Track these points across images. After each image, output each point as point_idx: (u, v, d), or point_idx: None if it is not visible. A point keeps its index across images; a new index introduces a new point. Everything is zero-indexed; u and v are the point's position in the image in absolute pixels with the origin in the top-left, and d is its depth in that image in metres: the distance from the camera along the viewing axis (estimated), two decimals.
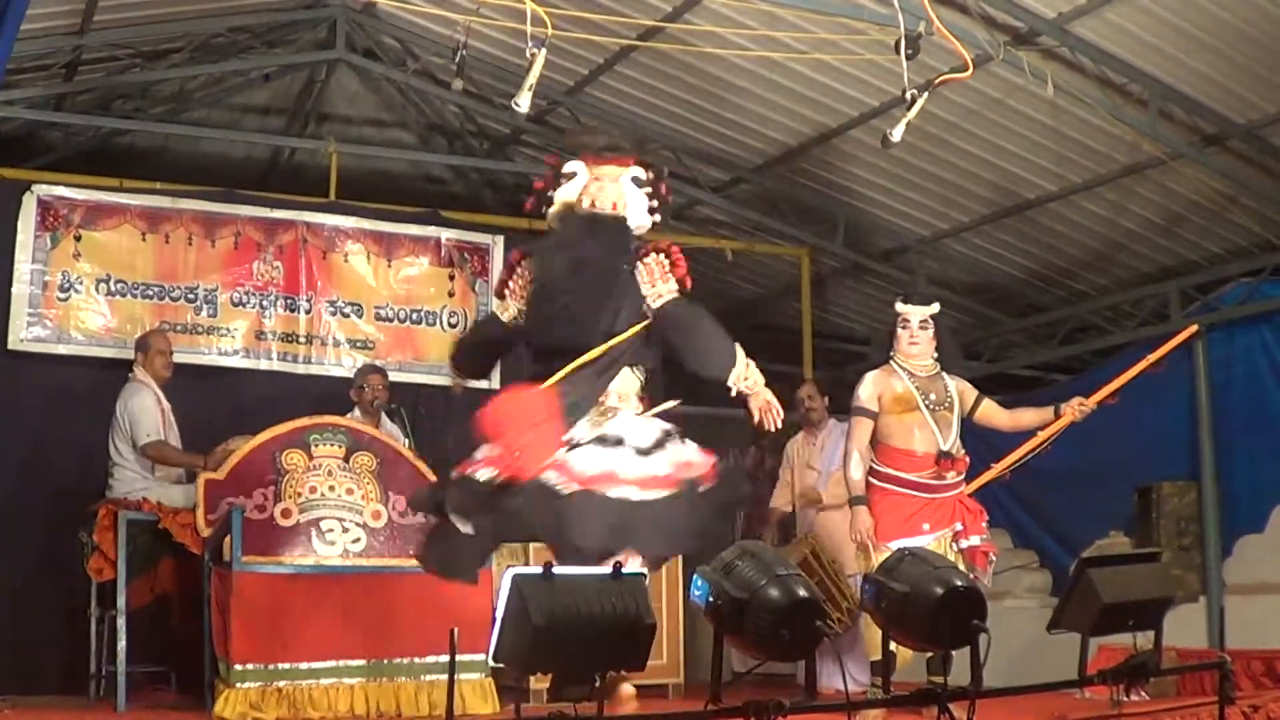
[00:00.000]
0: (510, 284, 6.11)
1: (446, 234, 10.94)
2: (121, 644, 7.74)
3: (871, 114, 10.16)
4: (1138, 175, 10.24)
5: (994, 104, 9.74)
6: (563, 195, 6.04)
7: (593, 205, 5.92)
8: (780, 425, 5.86)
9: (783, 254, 12.82)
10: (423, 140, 12.63)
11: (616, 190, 5.94)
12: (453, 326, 10.75)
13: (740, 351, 5.86)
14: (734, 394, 5.84)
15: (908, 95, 8.02)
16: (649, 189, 6.01)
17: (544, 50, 7.58)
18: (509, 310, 6.09)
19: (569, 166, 6.03)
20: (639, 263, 5.83)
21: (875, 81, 9.72)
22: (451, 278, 10.90)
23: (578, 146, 6.14)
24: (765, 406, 5.79)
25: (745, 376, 5.82)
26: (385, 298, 10.66)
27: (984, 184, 10.91)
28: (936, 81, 8.32)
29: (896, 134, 8.32)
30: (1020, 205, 11.08)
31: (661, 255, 5.87)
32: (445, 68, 10.71)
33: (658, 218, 6.03)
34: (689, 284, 5.87)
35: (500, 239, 11.09)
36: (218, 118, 11.91)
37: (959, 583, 5.77)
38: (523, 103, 7.88)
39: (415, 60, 11.09)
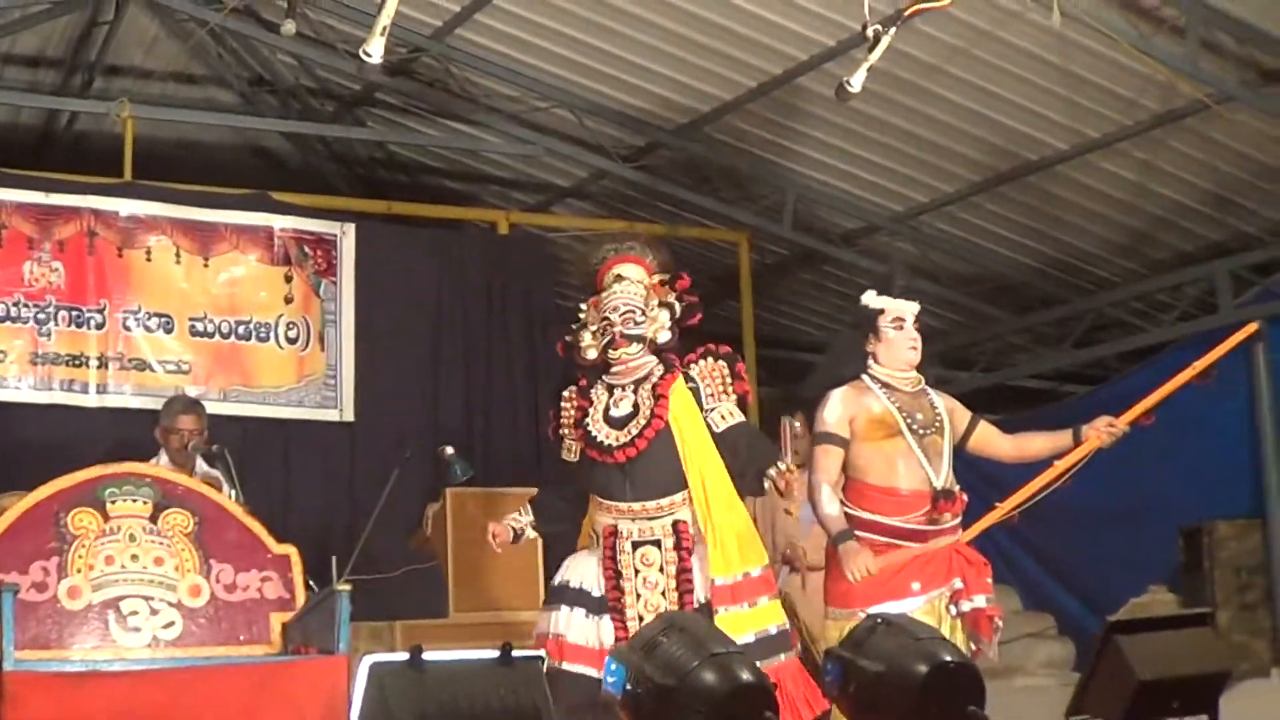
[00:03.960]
0: (562, 420, 7.10)
1: (281, 222, 10.91)
2: None
3: (825, 56, 10.21)
4: (1173, 126, 10.39)
5: (984, 39, 9.83)
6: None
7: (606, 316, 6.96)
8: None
9: (714, 239, 12.88)
10: (246, 100, 12.60)
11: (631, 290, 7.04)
12: (292, 342, 10.70)
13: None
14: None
15: (870, 31, 8.07)
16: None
17: None
18: (571, 450, 7.06)
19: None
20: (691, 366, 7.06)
21: (828, 14, 9.79)
22: (289, 278, 10.86)
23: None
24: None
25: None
26: (202, 306, 10.60)
27: (973, 143, 11.02)
28: (908, 12, 8.36)
29: (856, 82, 8.36)
30: (1020, 169, 11.20)
31: (720, 362, 7.06)
32: (273, 4, 10.68)
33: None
34: (750, 400, 6.70)
35: (351, 227, 11.07)
36: None
37: (948, 658, 5.76)
38: (374, 51, 7.87)
39: None
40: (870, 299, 7.50)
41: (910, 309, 7.41)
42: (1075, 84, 10.11)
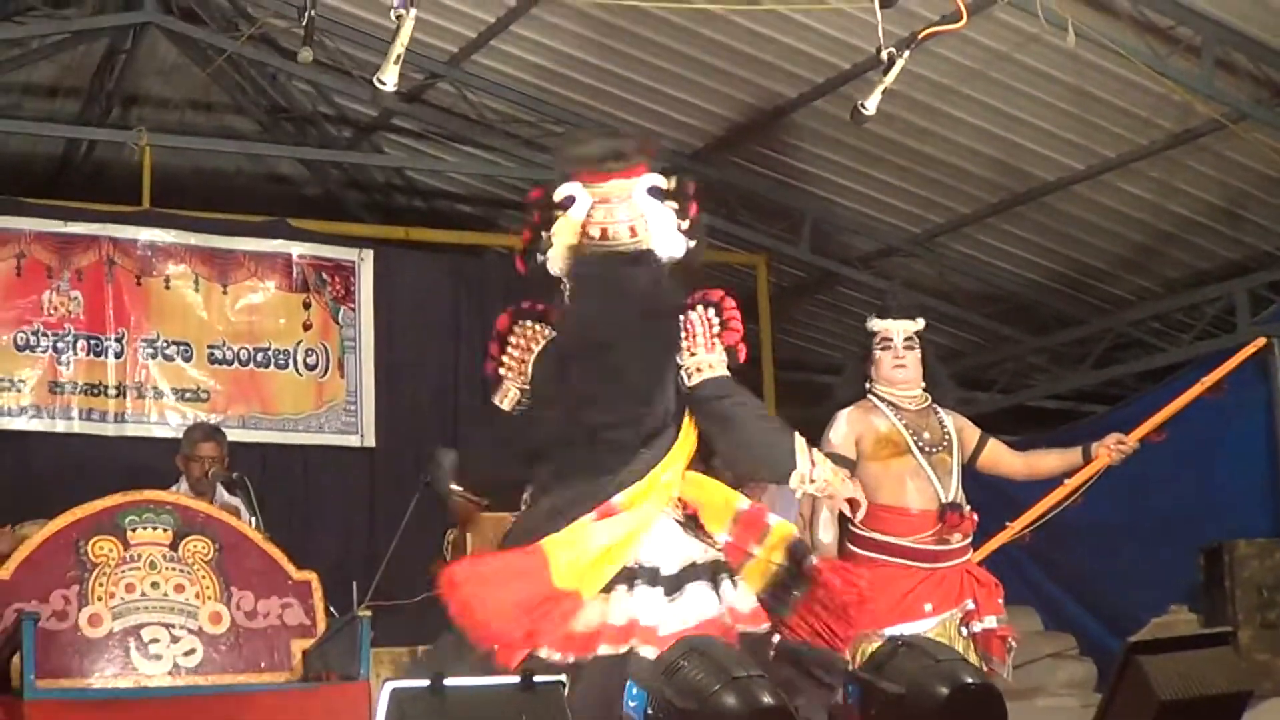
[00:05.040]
0: (505, 358, 5.97)
1: (299, 249, 10.95)
2: None
3: (840, 80, 10.24)
4: (1189, 145, 10.38)
5: (998, 61, 9.84)
6: (561, 234, 5.87)
7: (604, 236, 5.76)
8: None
9: (732, 262, 12.87)
10: (263, 128, 12.62)
11: (631, 210, 5.80)
12: (311, 369, 10.74)
13: (800, 443, 5.71)
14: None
15: (884, 55, 8.08)
16: (674, 201, 5.87)
17: (413, 10, 7.60)
18: (508, 395, 5.88)
19: (562, 191, 5.83)
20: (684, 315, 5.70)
21: (843, 37, 9.80)
22: (307, 305, 10.90)
23: (569, 162, 5.92)
24: (853, 505, 5.79)
25: (810, 478, 5.71)
26: (221, 334, 10.65)
27: (989, 165, 11.01)
28: (922, 34, 8.38)
29: (871, 104, 8.38)
30: (1037, 190, 11.20)
31: (709, 310, 5.72)
32: (290, 33, 10.71)
33: (693, 242, 5.79)
34: (743, 352, 5.74)
35: (369, 253, 11.10)
36: None
37: (969, 679, 5.77)
38: (389, 78, 7.89)
39: (250, 23, 11.08)
40: (869, 321, 7.52)
41: (900, 328, 7.39)
42: (1090, 104, 10.11)
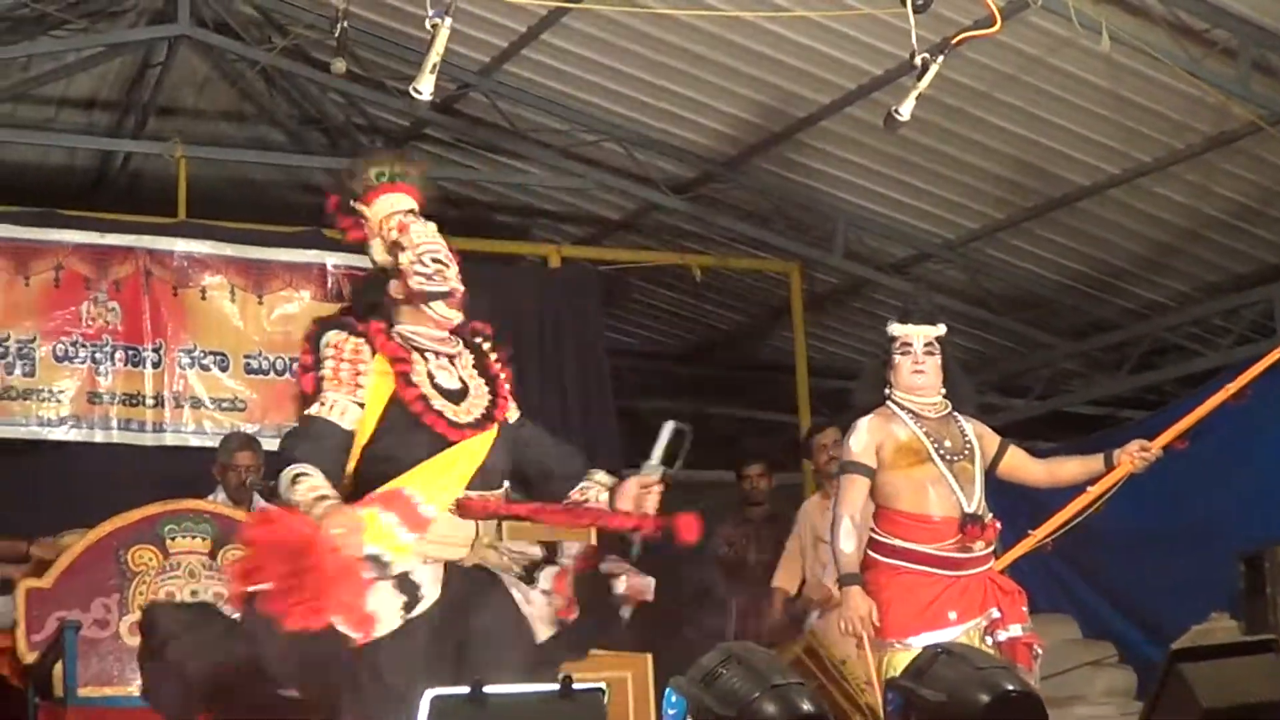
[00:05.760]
0: (326, 370, 5.46)
1: (333, 259, 10.96)
2: None
3: (873, 86, 10.22)
4: (1225, 149, 10.35)
5: (1032, 65, 9.83)
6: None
7: (420, 260, 5.72)
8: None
9: (767, 270, 12.88)
10: (296, 139, 12.65)
11: (431, 229, 5.83)
12: None
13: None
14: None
15: (918, 60, 8.07)
16: None
17: (449, 19, 7.61)
18: (346, 411, 5.40)
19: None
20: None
21: (876, 44, 9.78)
22: None
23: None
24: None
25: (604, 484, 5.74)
26: (257, 344, 10.68)
27: (1023, 170, 10.99)
28: (956, 39, 8.38)
29: (905, 110, 8.36)
30: (1072, 195, 11.18)
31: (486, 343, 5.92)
32: (322, 44, 10.74)
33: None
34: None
35: None
36: (26, 115, 11.91)
37: (1010, 686, 5.75)
38: (424, 88, 7.91)
39: (283, 35, 11.11)
40: (889, 326, 7.49)
41: (920, 333, 7.34)
42: (1125, 108, 10.09)
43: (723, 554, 10.70)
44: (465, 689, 4.80)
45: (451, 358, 5.70)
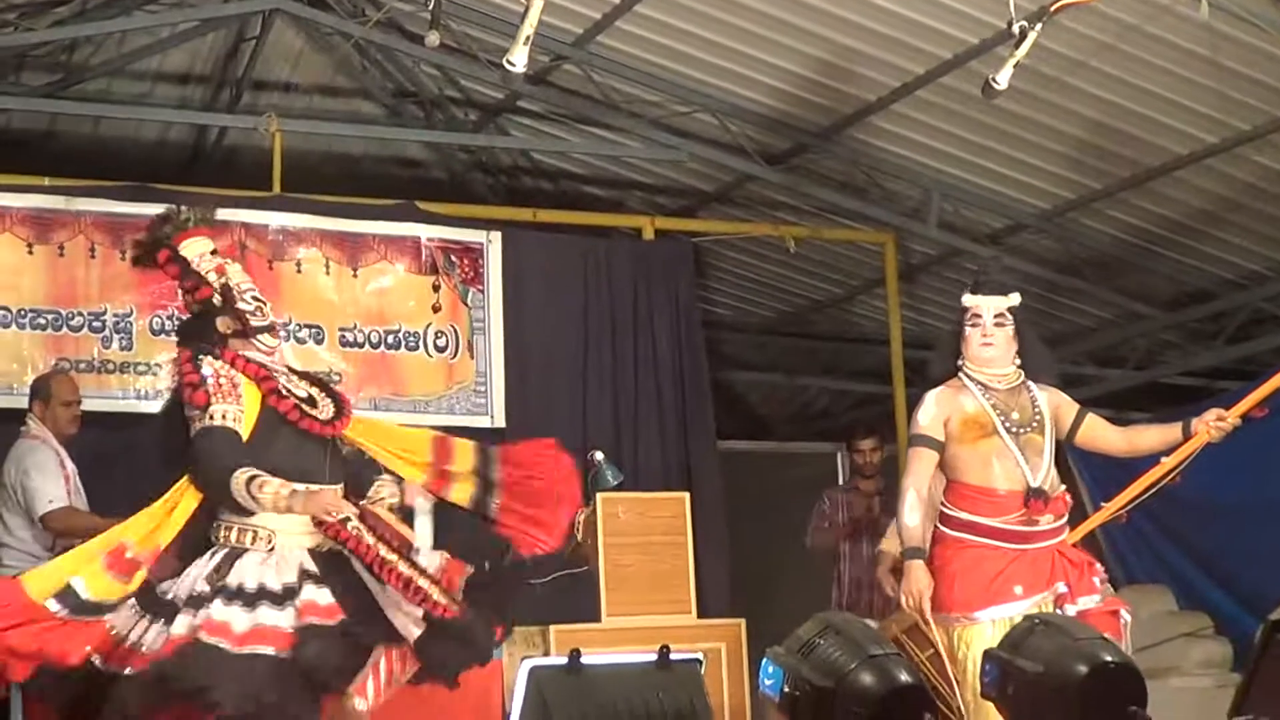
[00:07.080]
0: (210, 386, 6.34)
1: (427, 231, 11.00)
2: None
3: (970, 54, 10.16)
4: None
5: (1129, 33, 9.75)
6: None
7: (243, 298, 6.52)
8: None
9: (861, 240, 12.85)
10: (391, 112, 12.70)
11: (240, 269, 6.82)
12: (441, 350, 10.79)
13: None
14: None
15: (1015, 28, 8.04)
16: None
17: None
18: (239, 419, 6.34)
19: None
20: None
21: (973, 11, 9.73)
22: (436, 287, 10.95)
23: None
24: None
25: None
26: (351, 316, 10.72)
27: (1119, 139, 10.92)
28: (1054, 7, 8.33)
29: (1003, 79, 8.34)
30: (1169, 165, 11.08)
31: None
32: (416, 16, 10.77)
33: None
34: None
35: (497, 235, 11.15)
36: (121, 90, 12.00)
37: (1109, 658, 5.71)
38: (518, 59, 7.93)
39: (377, 8, 11.15)
40: (963, 297, 7.45)
41: (990, 304, 7.30)
42: (1224, 76, 10.00)
43: (829, 526, 10.84)
44: (563, 659, 4.83)
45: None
